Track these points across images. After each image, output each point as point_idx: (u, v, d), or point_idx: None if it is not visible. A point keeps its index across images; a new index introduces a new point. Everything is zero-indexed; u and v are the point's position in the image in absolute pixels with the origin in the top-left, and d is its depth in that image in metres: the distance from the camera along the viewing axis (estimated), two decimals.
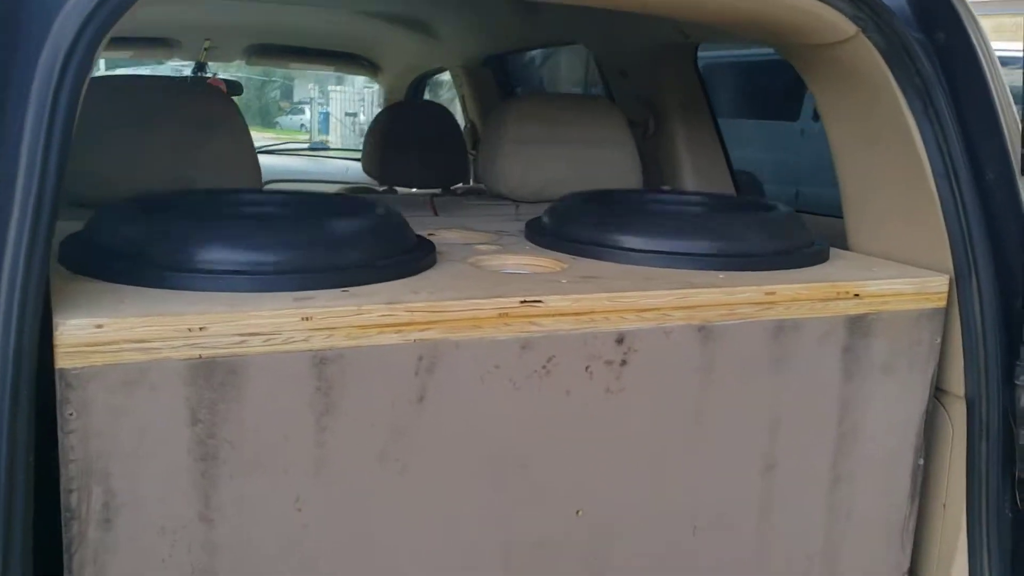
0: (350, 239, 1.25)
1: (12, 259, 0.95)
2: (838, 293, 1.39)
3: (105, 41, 1.03)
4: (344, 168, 4.91)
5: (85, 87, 1.02)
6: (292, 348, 1.07)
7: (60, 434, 0.99)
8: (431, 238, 1.60)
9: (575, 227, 1.53)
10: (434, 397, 1.15)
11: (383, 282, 1.21)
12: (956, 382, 1.51)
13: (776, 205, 1.66)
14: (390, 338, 1.12)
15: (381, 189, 3.04)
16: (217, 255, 1.14)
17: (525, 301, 1.18)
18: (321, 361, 1.08)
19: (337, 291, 1.16)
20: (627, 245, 1.45)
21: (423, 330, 1.13)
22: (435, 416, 1.16)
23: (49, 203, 0.97)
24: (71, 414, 0.99)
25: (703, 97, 2.40)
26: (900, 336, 1.46)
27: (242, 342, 1.04)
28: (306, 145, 5.42)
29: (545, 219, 1.65)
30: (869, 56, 1.47)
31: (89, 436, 1.00)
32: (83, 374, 0.99)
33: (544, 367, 1.21)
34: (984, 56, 1.47)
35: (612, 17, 2.27)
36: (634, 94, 2.48)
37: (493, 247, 1.54)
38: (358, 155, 5.11)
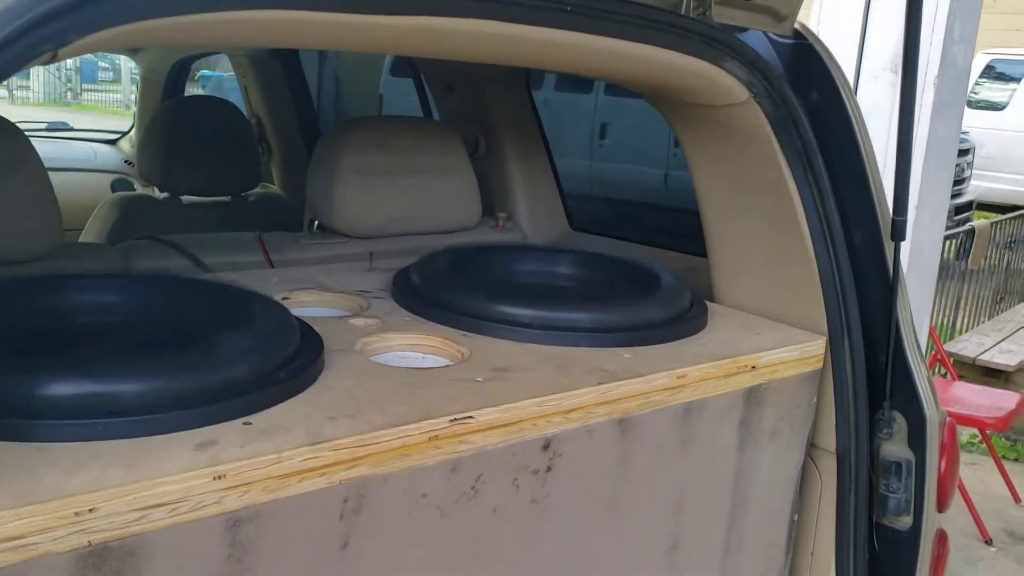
0: (241, 349, 1.05)
1: None
2: (739, 367, 1.37)
3: None
4: (92, 153, 4.39)
5: None
6: (202, 515, 0.87)
7: None
8: (285, 302, 1.41)
9: (460, 296, 1.40)
10: (359, 542, 1.00)
11: (284, 401, 1.03)
12: (827, 438, 1.55)
13: (646, 263, 1.62)
14: (314, 483, 0.95)
15: (162, 197, 2.71)
16: (88, 390, 0.92)
17: (456, 420, 1.05)
18: (235, 524, 0.90)
19: (237, 424, 0.97)
20: (525, 321, 1.35)
21: (350, 467, 0.97)
22: (358, 561, 1.00)
23: None
24: None
25: (534, 118, 2.32)
26: (785, 401, 1.47)
27: (142, 517, 0.84)
28: (43, 124, 4.76)
29: (416, 279, 1.50)
30: (756, 120, 1.45)
31: None
32: None
33: (472, 487, 1.09)
34: (855, 117, 1.49)
35: None
36: (462, 111, 2.36)
37: (370, 321, 1.38)
38: (112, 136, 4.61)
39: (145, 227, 2.59)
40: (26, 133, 1.64)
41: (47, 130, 4.62)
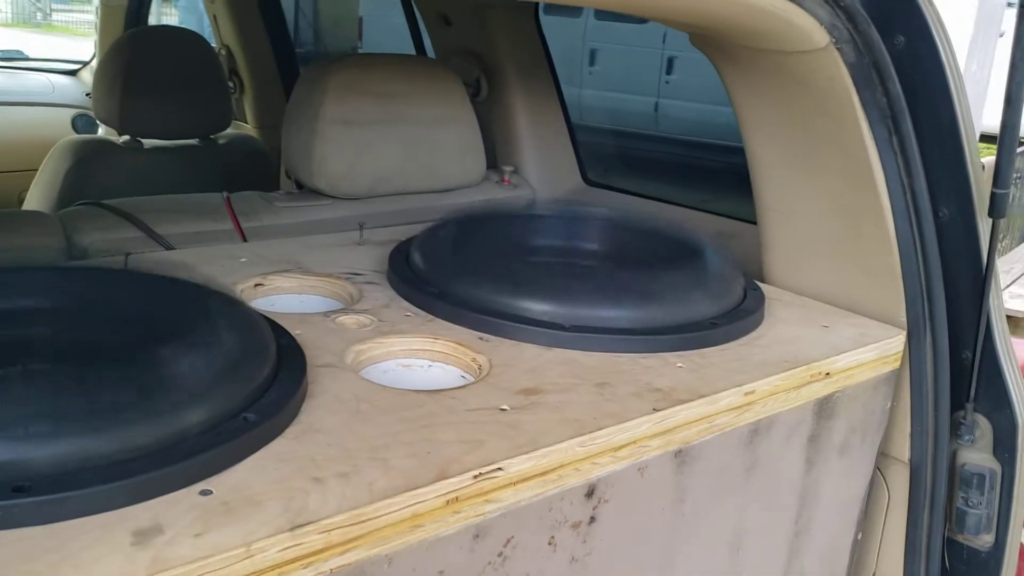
0: (195, 383, 0.79)
1: None
2: (812, 376, 1.13)
3: None
4: (50, 86, 4.03)
5: None
6: None
7: None
8: (259, 292, 1.16)
9: (475, 288, 1.14)
10: None
11: (256, 451, 0.78)
12: (899, 446, 1.32)
13: (689, 236, 1.36)
14: None
15: (121, 141, 2.41)
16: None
17: (481, 475, 0.81)
18: None
19: (193, 494, 0.72)
20: (558, 322, 1.09)
21: (344, 552, 0.73)
22: None
23: None
24: None
25: (544, 55, 2.04)
26: (857, 409, 1.23)
27: None
28: None
29: (418, 261, 1.24)
30: (834, 71, 1.18)
31: None
32: None
33: (500, 554, 0.85)
34: (949, 67, 1.23)
35: None
36: (460, 47, 2.06)
37: (363, 319, 1.12)
38: (73, 67, 4.24)
39: (101, 176, 2.30)
40: None
41: None
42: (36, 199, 2.34)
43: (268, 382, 0.86)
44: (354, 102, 1.62)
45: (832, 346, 1.18)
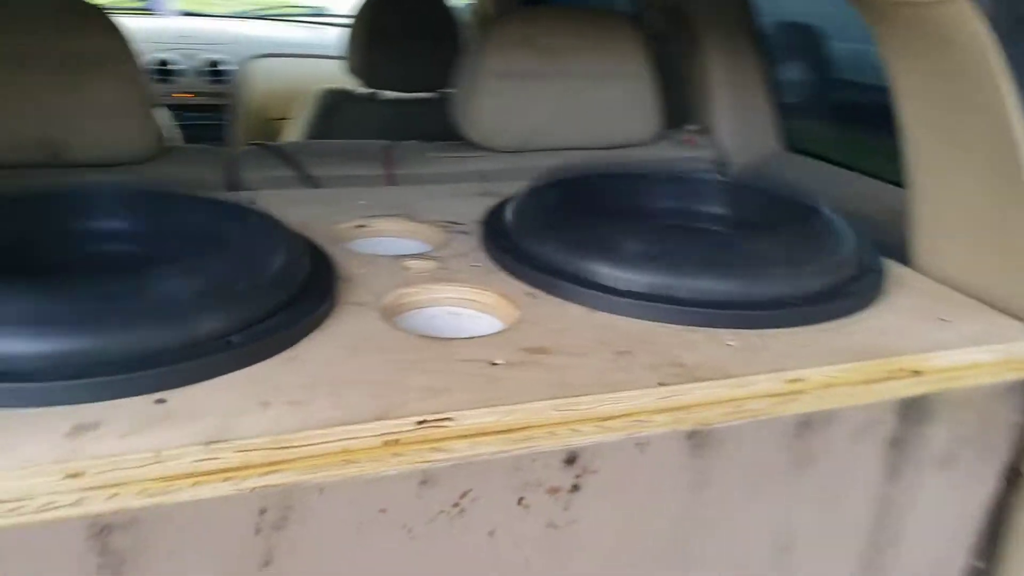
0: (184, 298, 0.86)
1: None
2: (891, 371, 0.99)
3: None
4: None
5: None
6: (53, 517, 0.71)
7: None
8: (358, 234, 1.22)
9: (533, 241, 1.13)
10: (286, 560, 0.80)
11: (225, 374, 0.84)
12: None
13: (809, 202, 1.23)
14: (213, 489, 0.76)
15: (362, 93, 2.61)
16: None
17: (425, 422, 0.81)
18: (102, 531, 0.73)
19: (150, 401, 0.79)
20: (602, 281, 1.05)
21: (265, 474, 0.77)
22: None
23: None
24: None
25: (747, 8, 1.91)
26: (968, 418, 1.07)
27: None
28: (306, 9, 4.84)
29: (508, 213, 1.25)
30: (969, 24, 1.01)
31: None
32: None
33: (456, 505, 0.85)
34: None
35: None
36: (659, 1, 2.00)
37: (426, 263, 1.15)
38: None
39: (342, 122, 2.51)
40: (285, 19, 1.54)
41: (305, 15, 4.70)
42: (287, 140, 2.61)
43: (272, 312, 0.91)
44: (514, 54, 1.63)
45: (936, 342, 1.03)
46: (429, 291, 1.09)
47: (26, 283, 0.81)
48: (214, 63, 3.78)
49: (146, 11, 4.24)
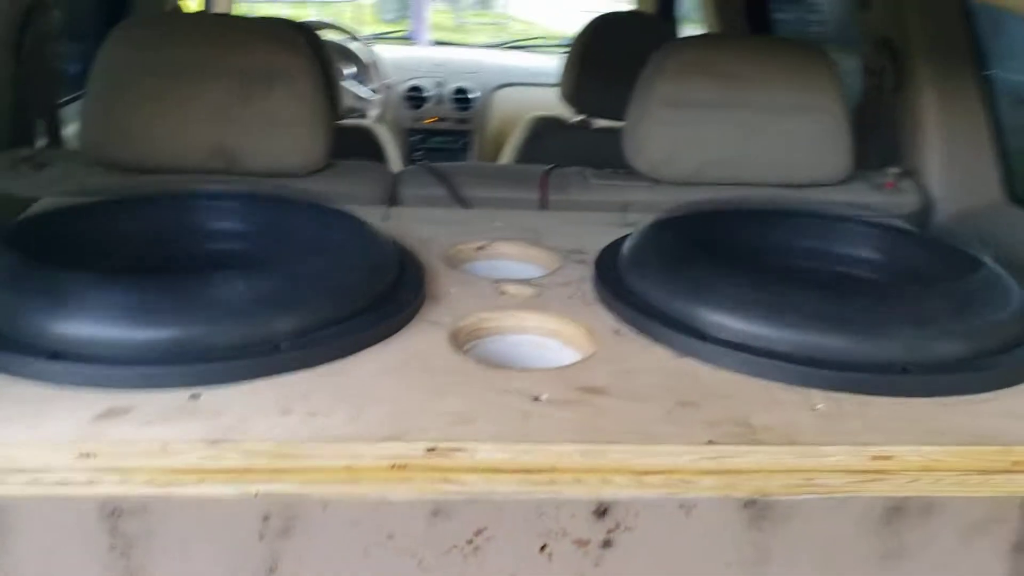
0: (246, 303, 0.89)
1: None
2: (1013, 463, 0.84)
3: None
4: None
5: None
6: (69, 493, 0.76)
7: None
8: (476, 255, 1.22)
9: (632, 275, 1.06)
10: (292, 570, 0.80)
11: (261, 378, 0.86)
12: None
13: (979, 256, 1.07)
14: (218, 488, 0.77)
15: (573, 121, 2.61)
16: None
17: (434, 450, 0.78)
18: (113, 512, 0.77)
19: (185, 395, 0.82)
20: (692, 323, 0.97)
21: (269, 480, 0.77)
22: None
23: None
24: None
25: (967, 37, 1.71)
26: None
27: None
28: (557, 39, 4.93)
29: (627, 245, 1.19)
30: None
31: None
32: None
33: (470, 542, 0.81)
34: None
35: None
36: (875, 32, 1.83)
37: (524, 289, 1.11)
38: None
39: (548, 150, 2.54)
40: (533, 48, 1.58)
41: (553, 45, 4.78)
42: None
43: (330, 322, 0.93)
44: (690, 82, 1.56)
45: None
46: (514, 317, 1.06)
47: (95, 276, 0.88)
48: (461, 90, 3.94)
49: (407, 40, 4.52)
